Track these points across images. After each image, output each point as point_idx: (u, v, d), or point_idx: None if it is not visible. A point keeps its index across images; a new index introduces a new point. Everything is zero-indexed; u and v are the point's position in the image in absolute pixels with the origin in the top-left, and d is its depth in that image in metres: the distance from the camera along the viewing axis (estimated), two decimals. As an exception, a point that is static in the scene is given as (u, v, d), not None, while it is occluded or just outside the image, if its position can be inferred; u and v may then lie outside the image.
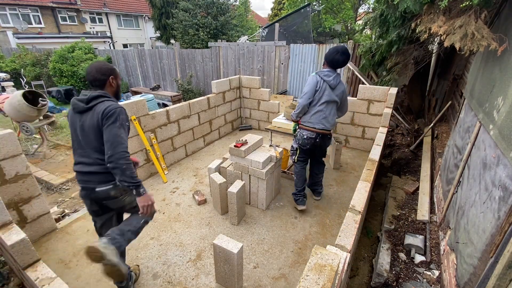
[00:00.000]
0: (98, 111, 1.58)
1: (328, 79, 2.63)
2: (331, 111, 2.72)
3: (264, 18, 28.04)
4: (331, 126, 2.78)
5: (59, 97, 10.00)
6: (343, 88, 2.72)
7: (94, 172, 1.65)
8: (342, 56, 2.55)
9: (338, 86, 2.68)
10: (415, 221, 2.95)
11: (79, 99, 1.64)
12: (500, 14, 2.32)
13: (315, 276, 1.07)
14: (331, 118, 2.74)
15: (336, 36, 14.64)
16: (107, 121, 1.56)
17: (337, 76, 2.66)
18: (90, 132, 1.61)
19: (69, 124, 1.72)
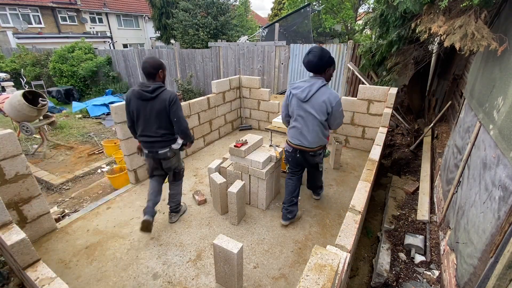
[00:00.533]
0: (164, 98, 2.25)
1: (295, 92, 2.35)
2: (308, 126, 2.37)
3: (264, 18, 28.05)
4: (310, 143, 2.42)
5: (59, 97, 10.00)
6: (326, 98, 2.24)
7: (158, 141, 2.39)
8: (308, 56, 2.24)
9: (313, 97, 2.27)
10: (415, 221, 2.95)
11: (144, 90, 2.24)
12: (500, 14, 2.32)
13: (315, 276, 1.07)
14: (309, 135, 2.39)
15: (336, 36, 14.64)
16: (173, 107, 2.28)
17: (312, 85, 2.27)
18: (157, 114, 2.29)
19: (133, 109, 2.32)
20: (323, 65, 2.28)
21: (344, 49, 6.38)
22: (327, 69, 2.33)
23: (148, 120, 2.31)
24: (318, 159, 2.62)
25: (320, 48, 2.25)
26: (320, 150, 2.57)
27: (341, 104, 2.33)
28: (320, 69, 2.29)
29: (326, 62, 2.28)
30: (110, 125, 7.08)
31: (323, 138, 2.48)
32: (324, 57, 2.25)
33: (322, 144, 2.52)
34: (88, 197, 3.84)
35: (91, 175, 4.51)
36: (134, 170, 3.51)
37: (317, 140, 2.44)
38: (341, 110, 2.36)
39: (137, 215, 2.99)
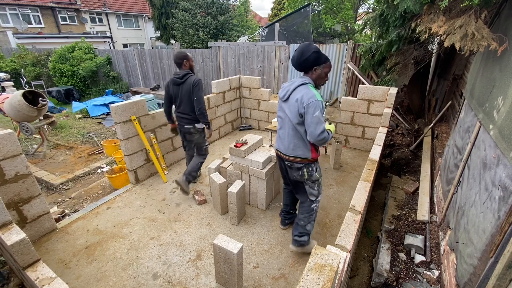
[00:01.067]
0: (189, 82, 2.81)
1: (280, 91, 2.14)
2: (284, 128, 2.12)
3: (264, 18, 28.04)
4: (285, 148, 2.13)
5: (59, 97, 10.00)
6: (299, 96, 1.93)
7: (185, 118, 2.97)
8: (295, 53, 2.00)
9: (290, 96, 2.01)
10: (415, 221, 2.95)
11: (176, 77, 2.85)
12: (500, 14, 2.32)
13: (315, 276, 1.07)
14: (285, 138, 2.12)
15: (336, 36, 14.64)
16: (195, 88, 2.79)
17: (291, 84, 2.04)
18: (186, 95, 2.86)
19: (171, 93, 2.96)
20: (306, 62, 1.96)
21: (344, 49, 6.38)
22: (313, 68, 1.99)
23: (182, 100, 2.93)
24: (297, 174, 2.16)
25: (306, 44, 1.97)
26: (299, 164, 2.10)
27: (318, 109, 1.85)
28: (303, 66, 2.00)
29: (310, 59, 1.93)
30: (110, 125, 7.08)
31: (301, 147, 2.07)
32: (306, 53, 1.92)
33: (301, 156, 2.08)
34: (88, 197, 3.84)
35: (91, 175, 4.51)
36: (134, 170, 3.51)
37: (293, 147, 2.08)
38: (316, 115, 1.85)
39: (137, 215, 2.99)
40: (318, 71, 2.01)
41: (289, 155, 2.12)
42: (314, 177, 2.17)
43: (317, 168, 2.20)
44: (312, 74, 2.03)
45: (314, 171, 2.17)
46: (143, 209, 3.08)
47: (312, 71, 2.02)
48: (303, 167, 2.13)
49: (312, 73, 2.02)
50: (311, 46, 1.94)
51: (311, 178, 2.17)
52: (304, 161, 2.10)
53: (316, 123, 1.87)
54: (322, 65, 2.00)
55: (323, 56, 1.98)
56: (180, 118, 3.01)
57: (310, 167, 2.14)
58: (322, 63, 1.99)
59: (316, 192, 2.23)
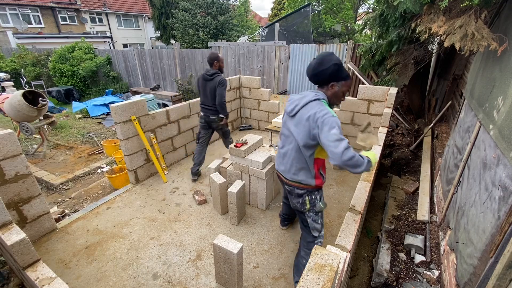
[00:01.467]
0: (216, 80, 3.18)
1: (287, 104, 1.85)
2: (287, 150, 1.84)
3: (264, 18, 28.04)
4: (285, 170, 1.87)
5: (59, 97, 10.00)
6: (311, 113, 1.63)
7: (210, 109, 3.34)
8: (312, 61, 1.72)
9: (299, 112, 1.71)
10: (415, 221, 2.95)
11: (206, 74, 3.23)
12: (500, 14, 2.32)
13: (315, 276, 1.07)
14: (285, 159, 1.86)
15: (336, 36, 14.64)
16: (219, 86, 3.17)
17: (302, 98, 1.73)
18: (212, 91, 3.23)
19: (199, 87, 3.35)
20: (323, 74, 1.66)
21: (344, 49, 6.38)
22: (331, 83, 1.69)
23: (207, 95, 3.30)
24: (297, 202, 1.90)
25: (328, 53, 1.67)
26: (300, 190, 1.85)
27: (335, 125, 1.54)
28: (319, 79, 1.71)
29: (328, 71, 1.63)
30: (110, 125, 7.08)
31: (303, 172, 1.79)
32: (326, 63, 1.62)
33: (303, 182, 1.81)
34: (88, 197, 3.84)
35: (91, 175, 4.51)
36: (134, 170, 3.51)
37: (294, 170, 1.81)
38: (333, 132, 1.52)
39: (137, 215, 2.99)
40: (336, 88, 1.70)
41: (288, 178, 1.87)
42: (318, 207, 1.88)
43: (321, 196, 1.91)
44: (328, 90, 1.72)
45: (317, 200, 1.88)
46: (143, 209, 3.08)
47: (328, 87, 1.72)
48: (304, 195, 1.86)
49: (328, 89, 1.72)
50: (332, 57, 1.65)
51: (314, 208, 1.88)
52: (306, 188, 1.83)
53: (335, 140, 1.50)
54: (341, 82, 1.70)
55: (345, 71, 1.68)
56: (205, 109, 3.40)
57: (313, 195, 1.86)
58: (341, 79, 1.69)
59: (320, 226, 1.93)
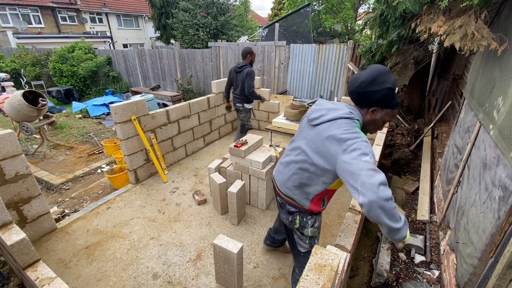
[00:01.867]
0: (244, 72, 3.69)
1: (311, 109, 1.52)
2: (291, 160, 1.54)
3: (264, 18, 28.04)
4: (281, 182, 1.61)
5: (59, 97, 10.00)
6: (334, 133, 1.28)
7: (238, 98, 3.90)
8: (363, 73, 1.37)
9: (323, 125, 1.37)
10: (415, 221, 2.95)
11: (237, 66, 3.80)
12: (500, 14, 2.32)
13: (315, 276, 1.06)
14: (284, 169, 1.59)
15: (336, 36, 14.64)
16: (247, 77, 3.66)
17: (332, 110, 1.40)
18: (240, 81, 3.78)
19: (231, 77, 3.90)
20: (370, 96, 1.33)
21: (344, 49, 6.38)
22: (373, 107, 1.36)
23: (237, 85, 3.84)
24: (286, 218, 1.65)
25: (385, 71, 1.33)
26: (292, 207, 1.60)
27: (369, 152, 1.20)
28: (362, 98, 1.37)
29: (379, 94, 1.31)
30: (110, 125, 7.08)
31: (300, 191, 1.52)
32: (379, 83, 1.30)
33: (296, 201, 1.56)
34: (88, 197, 3.84)
35: (91, 175, 4.51)
36: (134, 170, 3.51)
37: (289, 185, 1.55)
38: (366, 160, 1.17)
39: (137, 215, 2.99)
40: (378, 115, 1.38)
41: (282, 191, 1.61)
42: (306, 232, 1.62)
43: (314, 222, 1.61)
44: (367, 114, 1.39)
45: (308, 225, 1.60)
46: (143, 209, 3.08)
47: (368, 110, 1.38)
48: (296, 214, 1.60)
49: (368, 112, 1.38)
50: (388, 77, 1.32)
51: (302, 232, 1.63)
52: (299, 207, 1.58)
53: (369, 169, 1.14)
54: (387, 110, 1.37)
55: (396, 98, 1.37)
56: (234, 97, 3.96)
57: (306, 217, 1.60)
58: (389, 107, 1.36)
59: (308, 245, 1.67)
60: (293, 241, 1.72)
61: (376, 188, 1.10)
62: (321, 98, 1.46)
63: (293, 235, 1.70)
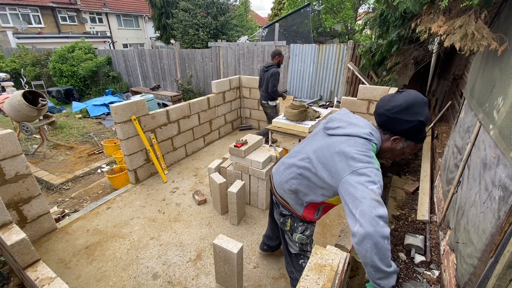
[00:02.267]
0: (269, 72, 4.05)
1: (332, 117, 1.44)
2: (293, 163, 1.48)
3: (264, 18, 28.05)
4: (278, 182, 1.57)
5: (59, 97, 10.00)
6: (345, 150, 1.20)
7: (263, 95, 4.32)
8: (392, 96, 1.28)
9: (337, 137, 1.31)
10: (415, 221, 2.95)
11: (265, 66, 4.18)
12: (500, 14, 2.32)
13: (315, 276, 1.06)
14: (284, 170, 1.54)
15: (336, 36, 14.65)
16: (271, 77, 4.02)
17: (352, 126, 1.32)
18: (266, 80, 4.13)
19: (260, 76, 4.30)
20: (398, 124, 1.23)
21: (344, 49, 6.38)
22: (397, 136, 1.27)
23: (263, 83, 4.24)
24: (278, 218, 1.66)
25: (422, 101, 1.21)
26: (284, 209, 1.58)
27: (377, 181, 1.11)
28: (388, 124, 1.28)
29: (407, 125, 1.21)
30: (110, 125, 7.08)
31: (295, 196, 1.48)
32: (411, 114, 1.19)
33: (290, 204, 1.53)
34: (88, 197, 3.84)
35: (91, 175, 4.51)
36: (134, 170, 3.51)
37: (287, 188, 1.49)
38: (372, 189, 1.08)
39: (137, 215, 2.99)
40: (399, 144, 1.29)
41: (278, 191, 1.58)
42: (294, 237, 1.59)
43: (304, 230, 1.57)
44: (388, 141, 1.30)
45: (297, 231, 1.57)
46: (143, 209, 3.08)
47: (390, 137, 1.28)
48: (288, 217, 1.58)
49: (389, 140, 1.29)
50: (424, 110, 1.20)
51: (291, 235, 1.61)
52: (292, 212, 1.55)
53: (373, 199, 1.06)
54: (410, 143, 1.28)
55: (424, 134, 1.26)
56: (261, 95, 4.39)
57: (296, 222, 1.57)
58: (414, 140, 1.27)
59: (297, 248, 1.64)
60: (285, 240, 1.71)
61: (376, 221, 1.02)
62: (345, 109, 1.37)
63: (284, 235, 1.69)
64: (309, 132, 3.50)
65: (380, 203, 1.06)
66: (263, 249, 2.39)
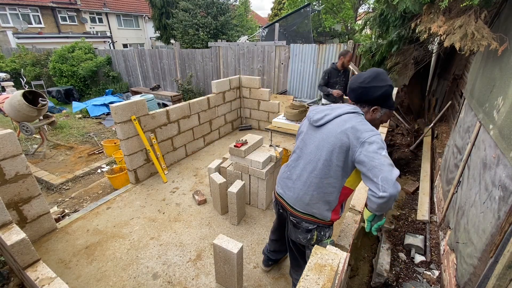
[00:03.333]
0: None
1: (311, 112, 1.52)
2: (302, 171, 1.47)
3: (264, 18, 28.04)
4: (295, 199, 1.49)
5: (59, 97, 10.00)
6: (348, 127, 1.31)
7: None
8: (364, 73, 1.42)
9: (329, 123, 1.39)
10: (415, 221, 2.95)
11: (332, 68, 4.00)
12: (500, 14, 2.32)
13: (315, 276, 1.06)
14: (298, 183, 1.47)
15: (336, 36, 14.64)
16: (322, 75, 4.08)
17: (334, 109, 1.43)
18: None
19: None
20: (372, 92, 1.36)
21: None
22: (374, 106, 1.40)
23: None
24: (303, 237, 1.54)
25: (383, 71, 1.38)
26: (310, 224, 1.50)
27: (384, 148, 1.24)
28: (364, 96, 1.40)
29: (379, 91, 1.35)
30: (110, 125, 7.08)
31: (321, 203, 1.43)
32: (380, 81, 1.35)
33: (316, 215, 1.47)
34: (88, 197, 3.84)
35: (91, 175, 4.51)
36: (134, 170, 3.51)
37: (309, 200, 1.44)
38: (385, 154, 1.22)
39: (137, 215, 2.99)
40: (377, 114, 1.41)
41: (299, 210, 1.49)
42: (324, 243, 1.53)
43: (330, 233, 1.57)
44: (368, 113, 1.42)
45: (325, 237, 1.55)
46: (143, 209, 3.08)
47: (369, 109, 1.41)
48: (314, 230, 1.50)
49: (369, 111, 1.42)
50: (388, 77, 1.38)
51: (319, 243, 1.53)
52: (318, 222, 1.49)
53: (389, 164, 1.20)
54: (385, 110, 1.41)
55: (393, 99, 1.43)
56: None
57: (323, 231, 1.53)
58: (388, 106, 1.41)
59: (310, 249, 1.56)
60: (303, 257, 1.69)
61: (396, 184, 1.18)
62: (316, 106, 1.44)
63: (304, 251, 1.66)
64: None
65: (393, 166, 1.22)
66: (268, 265, 2.25)
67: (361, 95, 1.41)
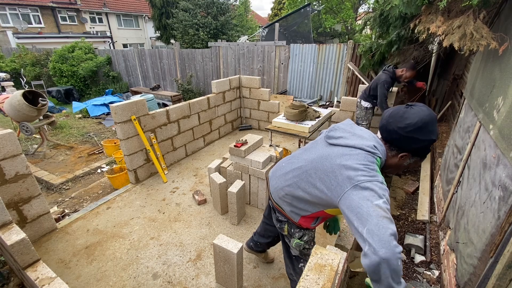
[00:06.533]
0: (380, 77, 3.61)
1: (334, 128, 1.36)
2: (289, 165, 1.44)
3: (264, 18, 28.05)
4: (275, 188, 1.49)
5: (59, 97, 10.00)
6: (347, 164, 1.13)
7: (360, 93, 3.99)
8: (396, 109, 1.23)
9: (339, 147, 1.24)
10: (415, 221, 2.95)
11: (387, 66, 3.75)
12: (501, 14, 2.32)
13: (315, 276, 1.07)
14: (281, 180, 1.46)
15: (336, 36, 14.65)
16: (379, 84, 3.59)
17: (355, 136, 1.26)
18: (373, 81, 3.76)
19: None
20: (408, 142, 1.17)
21: (344, 49, 6.38)
22: (403, 153, 1.22)
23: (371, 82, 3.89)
24: (276, 222, 1.62)
25: (432, 115, 1.14)
26: (281, 216, 1.54)
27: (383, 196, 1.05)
28: (395, 139, 1.21)
29: (418, 144, 1.17)
30: (110, 125, 7.08)
31: (292, 205, 1.42)
32: (424, 132, 1.13)
33: (285, 211, 1.48)
34: (88, 197, 3.84)
35: (91, 175, 4.51)
36: (134, 170, 3.51)
37: (281, 195, 1.45)
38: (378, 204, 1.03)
39: (137, 215, 2.99)
40: (406, 160, 1.24)
41: (274, 198, 1.52)
42: (292, 243, 1.55)
43: (302, 236, 1.52)
44: (394, 157, 1.24)
45: (294, 237, 1.53)
46: (143, 209, 3.08)
47: (398, 154, 1.23)
48: (284, 222, 1.55)
49: (396, 156, 1.23)
50: (436, 127, 1.15)
51: (290, 239, 1.57)
52: (288, 219, 1.52)
53: (384, 216, 1.02)
54: (416, 159, 1.25)
55: (429, 150, 1.32)
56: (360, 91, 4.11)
57: (294, 229, 1.53)
58: (420, 156, 1.24)
59: (297, 252, 1.60)
60: (285, 243, 1.68)
61: (388, 243, 0.98)
62: (349, 120, 1.41)
63: (284, 238, 1.67)
64: (309, 132, 3.50)
65: (389, 220, 1.02)
66: (249, 245, 2.22)
67: (396, 141, 1.20)
